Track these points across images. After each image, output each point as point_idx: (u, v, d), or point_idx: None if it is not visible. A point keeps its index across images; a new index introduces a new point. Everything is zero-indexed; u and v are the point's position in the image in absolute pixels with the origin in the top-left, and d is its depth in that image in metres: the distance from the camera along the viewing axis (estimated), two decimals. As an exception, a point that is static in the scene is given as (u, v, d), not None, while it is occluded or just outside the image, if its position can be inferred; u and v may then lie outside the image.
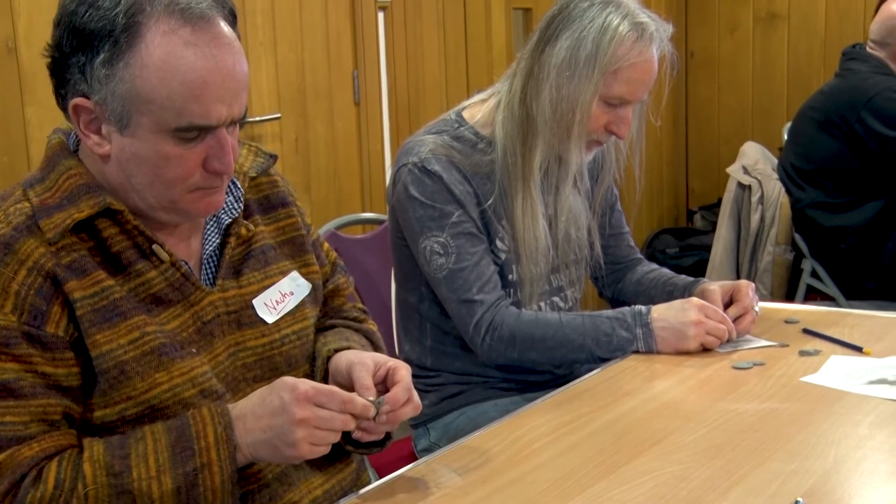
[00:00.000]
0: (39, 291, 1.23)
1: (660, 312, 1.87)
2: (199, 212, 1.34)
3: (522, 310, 1.93)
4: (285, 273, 1.47)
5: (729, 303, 1.94)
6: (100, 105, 1.25)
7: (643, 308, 1.89)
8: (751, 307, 1.91)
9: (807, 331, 1.94)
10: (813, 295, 3.45)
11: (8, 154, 2.54)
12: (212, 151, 1.28)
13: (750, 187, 3.40)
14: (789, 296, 3.44)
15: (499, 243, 1.95)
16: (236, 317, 1.39)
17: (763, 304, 2.04)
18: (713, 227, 4.09)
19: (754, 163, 3.52)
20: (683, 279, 2.10)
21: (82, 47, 1.23)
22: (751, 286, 1.95)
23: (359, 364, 1.37)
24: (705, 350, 1.85)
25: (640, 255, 2.25)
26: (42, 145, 1.40)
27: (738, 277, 3.46)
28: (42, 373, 1.23)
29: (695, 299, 1.88)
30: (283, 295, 1.45)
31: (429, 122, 2.03)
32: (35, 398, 1.23)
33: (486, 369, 2.00)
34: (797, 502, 1.22)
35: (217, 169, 1.29)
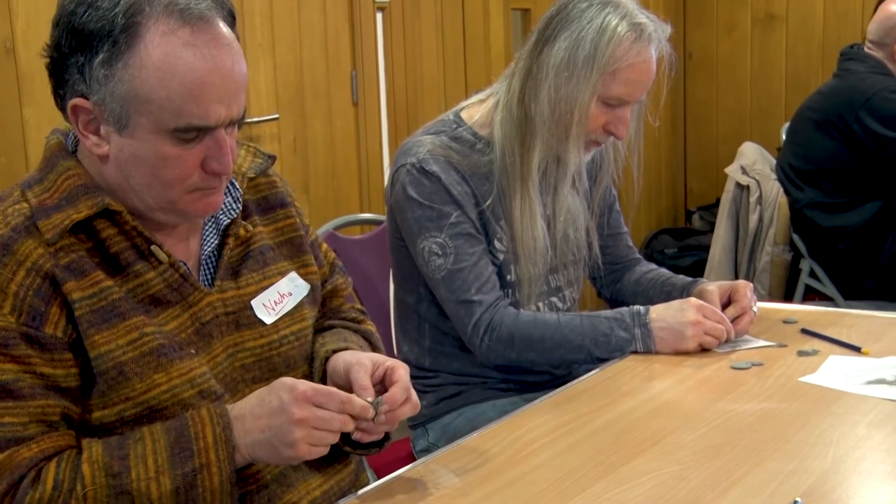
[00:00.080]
0: (38, 292, 1.23)
1: (658, 313, 1.87)
2: (197, 212, 1.34)
3: (521, 310, 1.93)
4: (284, 274, 1.47)
5: (727, 303, 1.94)
6: (98, 105, 1.25)
7: (641, 308, 1.89)
8: (749, 307, 1.91)
9: (805, 331, 1.94)
10: (811, 295, 3.46)
11: (6, 155, 2.54)
12: (210, 152, 1.28)
13: (748, 187, 3.40)
14: (787, 296, 3.44)
15: (497, 244, 1.95)
16: (235, 317, 1.39)
17: (761, 304, 2.04)
18: (711, 227, 4.09)
19: (752, 163, 3.52)
20: (682, 279, 2.10)
21: (81, 47, 1.23)
22: (749, 286, 1.95)
23: (356, 365, 1.37)
24: (704, 350, 1.85)
25: (638, 256, 2.25)
26: (40, 146, 1.39)
27: (737, 277, 3.46)
28: (41, 374, 1.23)
29: (693, 299, 1.88)
30: (281, 296, 1.45)
31: (427, 122, 2.03)
32: (34, 399, 1.23)
33: (484, 370, 2.00)
34: (796, 502, 1.22)
35: (216, 169, 1.29)
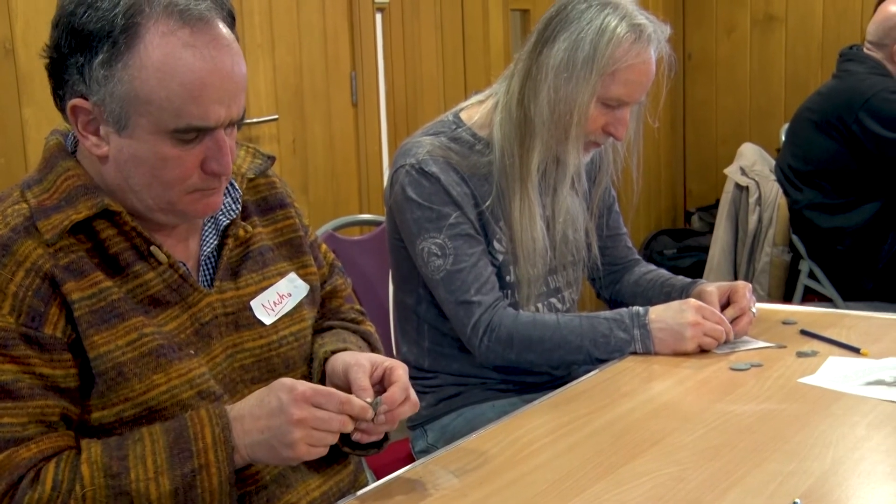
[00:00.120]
0: (37, 293, 1.23)
1: (657, 314, 1.87)
2: (197, 213, 1.34)
3: (520, 311, 1.93)
4: (283, 274, 1.47)
5: (726, 304, 1.94)
6: (98, 106, 1.24)
7: (641, 309, 1.89)
8: (748, 308, 1.91)
9: (804, 332, 1.94)
10: (810, 296, 3.46)
11: (5, 155, 2.54)
12: (210, 153, 1.28)
13: (747, 188, 3.40)
14: (787, 297, 3.44)
15: (496, 244, 1.95)
16: (234, 318, 1.39)
17: (760, 305, 2.04)
18: (711, 228, 4.09)
19: (752, 164, 3.52)
20: (681, 280, 2.10)
21: (81, 48, 1.23)
22: (748, 287, 1.95)
23: (355, 365, 1.37)
24: (703, 351, 1.85)
25: (637, 256, 2.25)
26: (39, 146, 1.39)
27: (736, 278, 3.46)
28: (40, 374, 1.23)
29: (692, 300, 1.88)
30: (280, 296, 1.45)
31: (426, 123, 2.03)
32: (33, 399, 1.23)
33: (483, 371, 2.00)
34: (795, 503, 1.22)
35: (215, 170, 1.29)
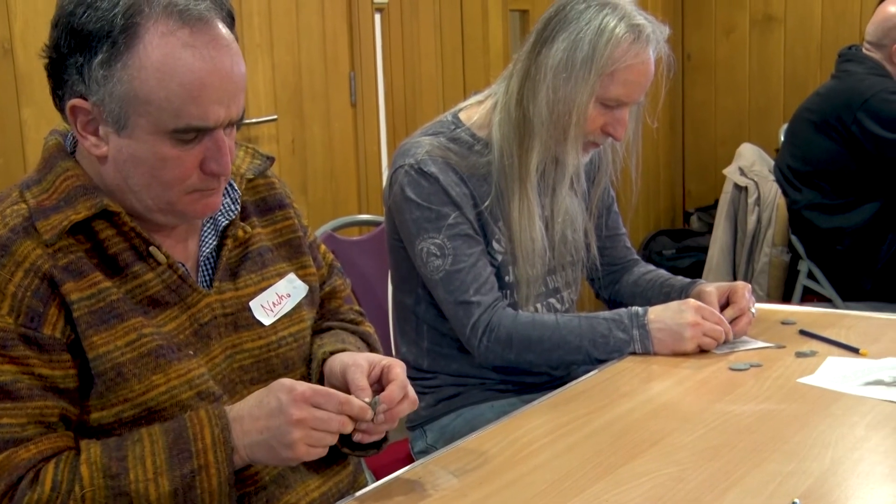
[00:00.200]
0: (36, 293, 1.23)
1: (657, 314, 1.87)
2: (196, 213, 1.34)
3: (519, 311, 1.93)
4: (282, 275, 1.47)
5: (725, 304, 1.94)
6: (97, 106, 1.24)
7: (640, 309, 1.89)
8: (747, 308, 1.91)
9: (803, 332, 1.94)
10: (809, 296, 3.46)
11: (4, 155, 2.53)
12: (209, 153, 1.28)
13: (746, 189, 3.40)
14: (786, 297, 3.44)
15: (495, 245, 1.95)
16: (233, 319, 1.39)
17: (759, 305, 2.04)
18: (710, 228, 4.09)
19: (751, 164, 3.52)
20: (680, 281, 2.10)
21: (80, 48, 1.23)
22: (747, 287, 1.95)
23: (353, 366, 1.37)
24: (702, 351, 1.85)
25: (636, 257, 2.25)
26: (38, 147, 1.39)
27: (735, 279, 3.47)
28: (39, 375, 1.23)
29: (692, 301, 1.88)
30: (279, 297, 1.45)
31: (425, 123, 2.03)
32: (32, 400, 1.23)
33: (482, 371, 2.00)
34: (794, 503, 1.22)
35: (214, 170, 1.29)
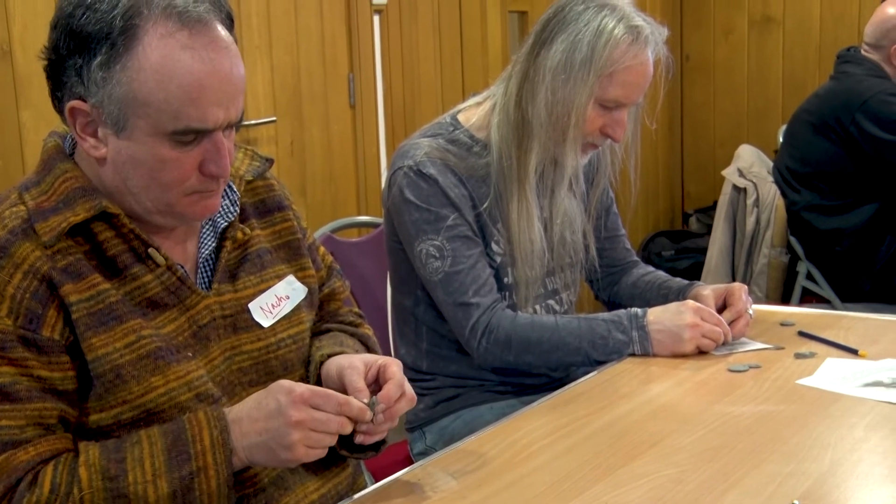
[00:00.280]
0: (35, 295, 1.23)
1: (656, 315, 1.87)
2: (195, 215, 1.34)
3: (518, 313, 1.93)
4: (281, 277, 1.47)
5: (723, 306, 1.94)
6: (96, 108, 1.24)
7: (639, 311, 1.88)
8: (745, 310, 1.91)
9: (802, 333, 1.94)
10: (808, 297, 3.46)
11: (3, 157, 2.53)
12: (208, 155, 1.28)
13: (745, 190, 3.40)
14: (785, 298, 3.45)
15: (494, 246, 1.95)
16: (232, 321, 1.39)
17: (758, 306, 2.04)
18: (709, 229, 4.09)
19: (749, 165, 3.52)
20: (678, 282, 2.10)
21: (79, 50, 1.23)
22: (744, 289, 1.95)
23: (349, 368, 1.37)
24: (701, 353, 1.85)
25: (635, 258, 2.25)
26: (37, 149, 1.39)
27: (734, 280, 3.46)
28: (38, 376, 1.23)
29: (690, 302, 1.88)
30: (279, 299, 1.45)
31: (424, 125, 2.03)
32: (31, 402, 1.22)
33: (482, 372, 2.00)
34: (793, 505, 1.23)
35: (213, 172, 1.29)
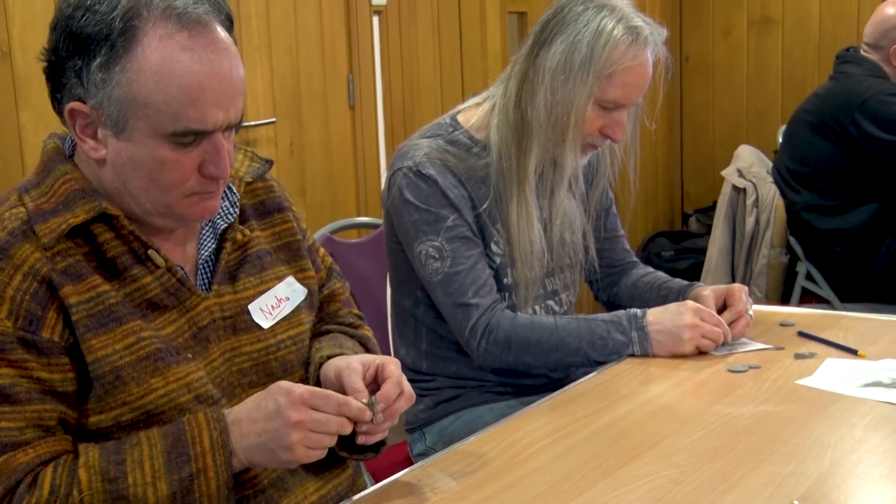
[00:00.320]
0: (35, 297, 1.23)
1: (655, 316, 1.87)
2: (194, 217, 1.34)
3: (518, 313, 1.93)
4: (281, 278, 1.47)
5: (722, 307, 1.94)
6: (96, 109, 1.24)
7: (639, 311, 1.89)
8: (745, 311, 1.91)
9: (802, 334, 1.94)
10: (808, 298, 3.46)
11: (2, 159, 2.53)
12: (208, 156, 1.28)
13: (745, 190, 3.40)
14: (784, 299, 3.45)
15: (494, 247, 1.95)
16: (232, 322, 1.39)
17: (758, 306, 2.04)
18: (708, 230, 4.10)
19: (749, 166, 3.52)
20: (678, 283, 2.10)
21: (79, 51, 1.23)
22: (744, 290, 1.95)
23: (346, 369, 1.37)
24: (701, 353, 1.85)
25: (635, 259, 2.25)
26: (36, 150, 1.39)
27: (734, 280, 3.47)
28: (37, 378, 1.23)
29: (690, 303, 1.88)
30: (278, 300, 1.45)
31: (424, 126, 2.03)
32: (30, 404, 1.22)
33: (481, 373, 2.00)
34: (793, 505, 1.23)
35: (213, 174, 1.29)
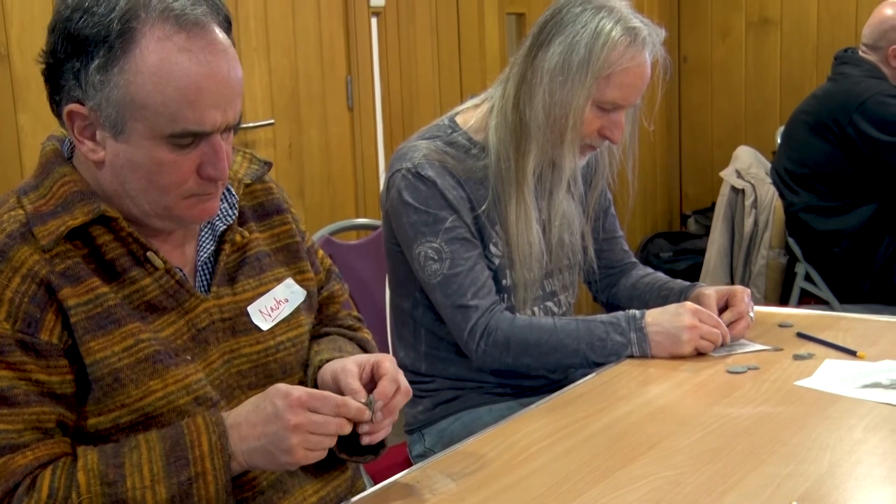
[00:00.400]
0: (34, 299, 1.23)
1: (654, 317, 1.87)
2: (193, 218, 1.34)
3: (517, 315, 1.93)
4: (280, 280, 1.47)
5: (724, 307, 1.94)
6: (94, 111, 1.24)
7: (637, 312, 1.89)
8: (746, 312, 1.92)
9: (801, 335, 1.94)
10: (807, 299, 3.46)
11: (1, 161, 2.53)
12: (206, 158, 1.28)
13: (743, 191, 3.40)
14: (783, 300, 3.45)
15: (493, 248, 1.95)
16: (231, 324, 1.39)
17: (757, 307, 2.04)
18: (707, 231, 4.10)
19: (748, 167, 3.53)
20: (679, 283, 2.10)
21: (77, 53, 1.23)
22: (746, 292, 1.95)
23: (342, 372, 1.37)
24: (699, 354, 1.85)
25: (634, 260, 2.25)
26: (35, 152, 1.39)
27: (732, 281, 3.47)
28: (36, 380, 1.23)
29: (689, 304, 1.89)
30: (277, 302, 1.45)
31: (422, 127, 2.03)
32: (29, 406, 1.22)
33: (480, 374, 2.00)
34: (792, 506, 1.23)
35: (211, 175, 1.29)
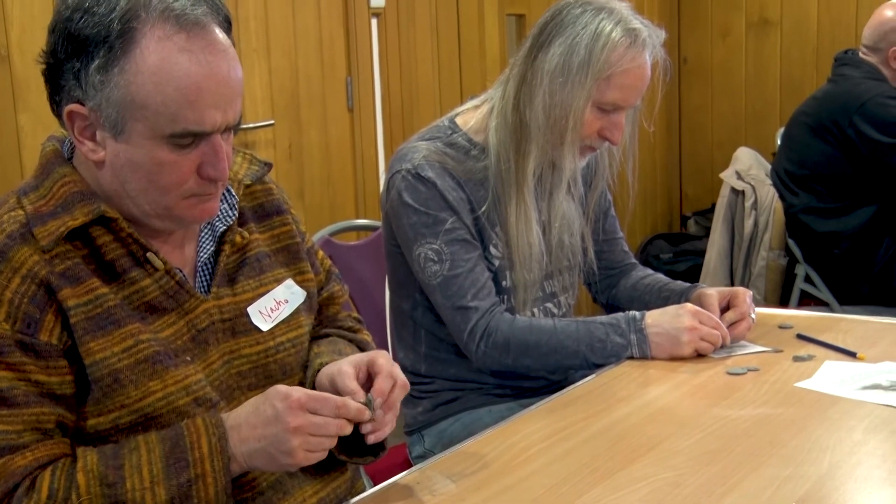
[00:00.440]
0: (33, 299, 1.23)
1: (654, 318, 1.87)
2: (193, 219, 1.34)
3: (517, 316, 1.93)
4: (280, 281, 1.47)
5: (726, 308, 1.94)
6: (94, 111, 1.24)
7: (637, 314, 1.89)
8: (748, 314, 1.92)
9: (801, 336, 1.94)
10: (807, 300, 3.46)
11: (1, 162, 2.53)
12: (206, 158, 1.28)
13: (743, 192, 3.40)
14: (783, 301, 3.45)
15: (492, 250, 1.95)
16: (231, 325, 1.39)
17: (757, 309, 2.04)
18: (707, 232, 4.10)
19: (748, 168, 3.53)
20: (680, 285, 2.10)
21: (77, 53, 1.23)
22: (748, 293, 1.95)
23: (338, 374, 1.37)
24: (699, 356, 1.85)
25: (634, 261, 2.25)
26: (35, 153, 1.39)
27: (732, 283, 3.47)
28: (35, 381, 1.23)
29: (689, 305, 1.89)
30: (277, 303, 1.45)
31: (422, 128, 2.03)
32: (28, 407, 1.22)
33: (480, 376, 2.00)
34: (792, 508, 1.22)
35: (211, 175, 1.28)
